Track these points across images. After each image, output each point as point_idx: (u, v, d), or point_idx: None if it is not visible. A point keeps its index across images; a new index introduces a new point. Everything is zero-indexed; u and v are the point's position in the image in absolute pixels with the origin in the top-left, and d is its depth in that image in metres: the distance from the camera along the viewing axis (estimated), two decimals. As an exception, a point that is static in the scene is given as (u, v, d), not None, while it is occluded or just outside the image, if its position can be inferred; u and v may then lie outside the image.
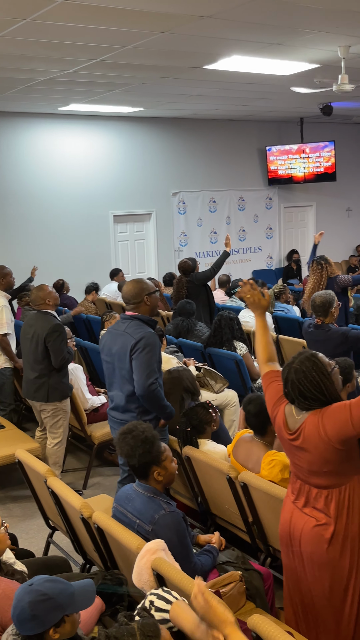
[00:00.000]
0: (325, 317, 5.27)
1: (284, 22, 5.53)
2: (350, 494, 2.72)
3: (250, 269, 13.19)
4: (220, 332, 6.49)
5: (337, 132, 13.33)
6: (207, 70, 7.27)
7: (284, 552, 2.95)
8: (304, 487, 2.82)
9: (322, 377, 2.72)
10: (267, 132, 12.93)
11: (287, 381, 2.77)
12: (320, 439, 2.67)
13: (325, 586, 2.76)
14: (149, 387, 3.96)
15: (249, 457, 3.85)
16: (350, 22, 5.55)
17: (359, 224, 14.56)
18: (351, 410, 2.61)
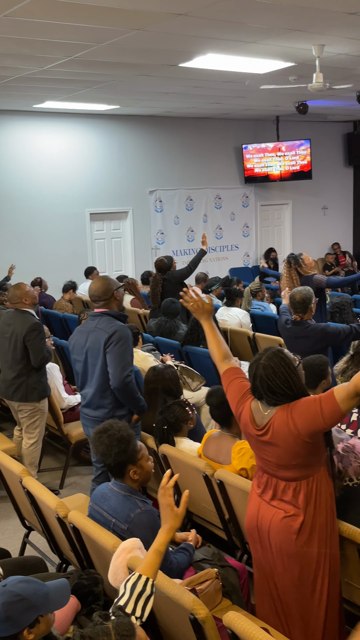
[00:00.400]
0: (305, 313, 5.32)
1: (258, 20, 5.54)
2: (318, 485, 2.77)
3: (227, 267, 13.22)
4: (197, 330, 6.49)
5: (312, 131, 13.40)
6: (182, 68, 7.26)
7: (253, 546, 2.99)
8: (271, 481, 2.86)
9: (290, 372, 2.76)
10: (243, 130, 12.96)
11: (256, 377, 2.80)
12: (290, 432, 2.70)
13: (295, 576, 2.80)
14: (124, 380, 4.01)
15: (219, 451, 3.86)
16: (324, 21, 5.58)
17: (335, 222, 14.65)
18: (321, 404, 2.66)
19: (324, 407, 2.64)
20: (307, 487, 2.76)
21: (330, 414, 2.63)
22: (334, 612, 2.85)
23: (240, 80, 8.19)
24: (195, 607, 2.43)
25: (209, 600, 3.00)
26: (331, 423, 2.66)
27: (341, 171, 14.57)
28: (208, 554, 3.35)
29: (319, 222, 14.41)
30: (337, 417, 2.64)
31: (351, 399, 2.60)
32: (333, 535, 2.83)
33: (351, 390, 2.59)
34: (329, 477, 2.84)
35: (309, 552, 2.77)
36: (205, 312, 3.31)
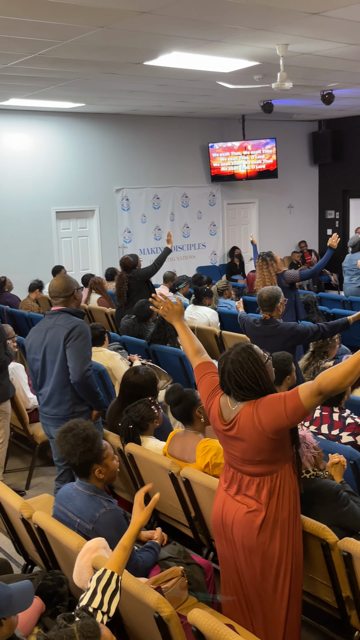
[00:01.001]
0: (272, 311, 5.33)
1: (223, 19, 5.55)
2: (281, 481, 2.80)
3: (195, 265, 13.24)
4: (164, 328, 6.49)
5: (278, 130, 13.49)
6: (147, 66, 7.25)
7: (218, 541, 3.01)
8: (237, 475, 2.88)
9: (258, 367, 2.78)
10: (209, 129, 12.99)
11: (224, 372, 2.82)
12: (255, 428, 2.72)
13: (257, 572, 2.83)
14: (85, 374, 4.05)
15: (184, 449, 3.87)
16: (287, 20, 5.62)
17: (301, 221, 14.78)
18: (285, 402, 2.68)
19: (288, 404, 2.66)
20: (271, 482, 2.78)
21: (293, 411, 2.65)
22: (295, 607, 2.88)
23: (206, 79, 8.20)
24: (159, 605, 2.44)
25: (175, 598, 3.01)
26: (294, 420, 2.68)
27: (306, 170, 14.70)
28: (174, 552, 3.36)
29: (285, 221, 14.52)
30: (300, 414, 2.66)
31: (314, 397, 2.63)
32: (296, 532, 2.85)
33: (314, 389, 2.62)
34: (294, 474, 2.86)
35: (270, 548, 2.79)
36: (176, 313, 3.39)
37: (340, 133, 14.04)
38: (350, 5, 5.22)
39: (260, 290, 5.45)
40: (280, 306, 5.34)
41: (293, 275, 6.63)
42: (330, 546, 2.94)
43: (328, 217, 14.95)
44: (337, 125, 14.06)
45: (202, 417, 3.91)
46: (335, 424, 4.09)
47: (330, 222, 14.95)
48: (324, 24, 5.77)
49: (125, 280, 7.89)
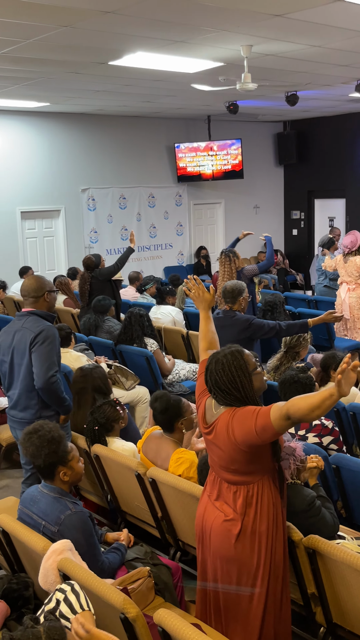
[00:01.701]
0: (233, 304, 5.41)
1: (187, 20, 5.56)
2: (259, 492, 2.76)
3: (162, 265, 13.24)
4: (130, 329, 6.48)
5: (243, 130, 13.55)
6: (112, 66, 7.23)
7: (197, 545, 2.98)
8: (217, 479, 2.87)
9: (241, 373, 2.74)
10: (175, 129, 13.00)
11: (207, 370, 2.82)
12: (228, 438, 2.71)
13: (233, 580, 2.81)
14: (49, 380, 3.97)
15: (158, 453, 3.87)
16: (251, 21, 5.65)
17: (267, 221, 14.86)
18: (257, 418, 2.64)
19: (259, 421, 2.63)
20: (247, 493, 2.75)
21: (262, 430, 2.62)
22: (272, 620, 2.84)
23: (171, 79, 8.21)
24: (125, 606, 2.43)
25: (141, 599, 3.01)
26: (264, 438, 2.64)
27: (272, 171, 14.80)
28: (140, 552, 3.36)
29: (251, 221, 14.59)
30: (269, 434, 2.62)
31: (283, 421, 2.60)
32: (277, 543, 2.80)
33: (284, 413, 2.58)
34: (275, 487, 2.81)
35: (248, 559, 2.76)
36: (205, 300, 3.37)
37: (305, 134, 14.17)
38: (313, 7, 5.27)
39: (225, 283, 5.56)
40: (243, 300, 5.42)
41: (252, 270, 6.70)
42: (296, 543, 2.97)
43: (293, 218, 15.08)
44: (301, 126, 14.18)
45: (183, 428, 3.90)
46: (302, 425, 4.13)
47: (295, 222, 15.08)
48: (287, 26, 5.82)
49: (88, 280, 7.88)
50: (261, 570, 2.78)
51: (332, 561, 2.85)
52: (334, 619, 3.03)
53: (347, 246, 7.45)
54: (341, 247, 7.68)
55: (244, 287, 5.49)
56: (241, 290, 5.42)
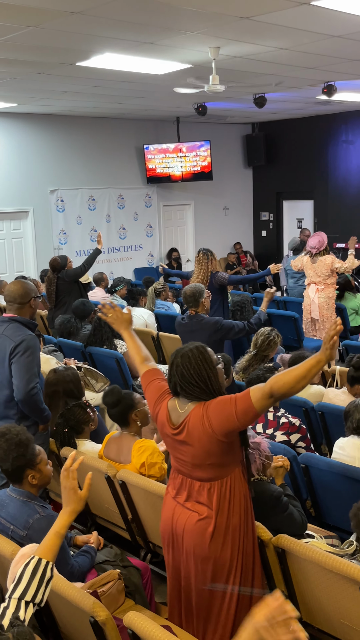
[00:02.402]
0: (197, 307, 5.45)
1: (154, 22, 5.56)
2: (232, 486, 2.79)
3: (132, 267, 13.22)
4: (100, 330, 6.46)
5: (212, 132, 13.60)
6: (80, 67, 7.20)
7: (167, 550, 2.97)
8: (186, 482, 2.86)
9: (206, 366, 2.79)
10: (144, 130, 12.99)
11: (173, 365, 2.83)
12: (205, 431, 2.71)
13: (208, 579, 2.81)
14: (29, 392, 3.89)
15: (120, 451, 3.87)
16: (218, 24, 5.67)
17: (236, 222, 14.94)
18: (237, 403, 2.68)
19: (239, 405, 2.66)
20: (222, 488, 2.77)
21: (244, 413, 2.65)
22: (244, 613, 2.86)
23: (140, 81, 8.21)
24: (94, 609, 2.42)
25: (112, 602, 3.00)
26: (245, 422, 2.68)
27: (241, 172, 14.87)
28: (110, 555, 3.34)
29: (220, 222, 14.65)
30: (250, 416, 2.67)
31: (265, 400, 2.64)
32: (247, 537, 2.83)
33: (266, 391, 2.63)
34: (244, 478, 2.84)
35: (222, 555, 2.78)
36: (125, 321, 3.34)
37: (273, 136, 14.27)
38: (280, 10, 5.30)
39: (184, 288, 5.60)
40: (205, 301, 5.46)
41: (222, 278, 6.71)
42: (265, 543, 2.98)
43: (262, 219, 15.17)
44: (270, 128, 14.28)
45: (138, 420, 3.91)
46: (270, 423, 4.16)
47: (264, 223, 15.18)
48: (255, 28, 5.85)
49: (53, 281, 7.85)
50: (234, 565, 2.80)
51: (300, 560, 2.87)
52: (304, 618, 3.05)
53: (314, 247, 7.52)
54: (308, 248, 7.74)
55: (203, 288, 5.55)
56: (202, 291, 5.48)
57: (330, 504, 3.88)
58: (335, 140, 13.37)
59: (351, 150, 13.18)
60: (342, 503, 3.76)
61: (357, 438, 3.78)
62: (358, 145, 13.05)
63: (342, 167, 13.37)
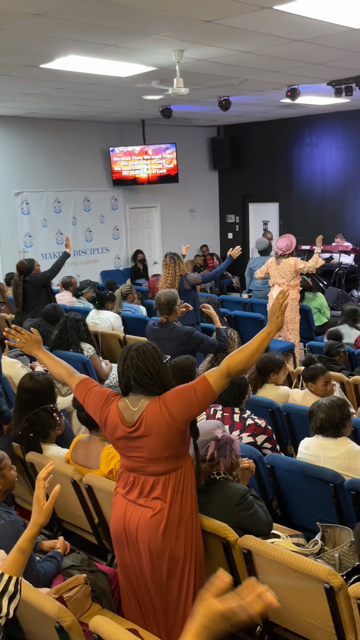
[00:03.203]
0: (170, 314, 5.41)
1: (118, 24, 5.56)
2: (185, 477, 2.85)
3: (99, 269, 13.18)
4: (66, 334, 6.41)
5: (178, 135, 13.64)
6: (43, 69, 7.16)
7: (119, 550, 2.97)
8: (139, 479, 2.87)
9: (159, 360, 2.85)
10: (109, 133, 12.96)
11: (127, 359, 2.83)
12: (165, 421, 2.74)
13: (164, 573, 2.84)
14: None
15: (88, 456, 3.84)
16: (182, 27, 5.69)
17: (202, 225, 14.99)
18: (195, 388, 2.76)
19: (198, 389, 2.74)
20: (176, 480, 2.82)
21: (203, 396, 2.74)
22: None
23: (104, 83, 8.19)
24: (60, 615, 2.40)
25: (78, 607, 2.98)
26: (204, 405, 2.77)
27: (207, 175, 14.93)
28: (77, 560, 3.32)
29: (187, 225, 14.68)
30: (209, 398, 2.76)
31: (223, 379, 2.76)
32: (196, 527, 2.90)
33: (223, 371, 2.75)
34: (192, 468, 2.92)
35: (176, 548, 2.81)
36: (35, 342, 3.33)
37: (239, 139, 14.36)
38: (242, 14, 5.34)
39: (158, 294, 5.54)
40: (178, 309, 5.43)
41: (195, 278, 6.74)
42: (231, 544, 2.99)
43: (228, 221, 15.25)
44: (235, 131, 14.37)
45: None
46: (236, 425, 4.17)
47: (230, 226, 15.26)
48: (218, 32, 5.88)
49: (20, 285, 7.77)
50: (189, 558, 2.84)
51: (266, 560, 2.89)
52: (270, 618, 3.07)
53: (281, 249, 7.58)
54: (275, 249, 7.81)
55: (177, 296, 5.51)
56: (175, 299, 5.45)
57: (295, 504, 3.92)
58: (299, 143, 13.51)
59: (315, 153, 13.34)
60: (307, 502, 3.81)
61: (322, 438, 3.81)
62: (322, 149, 13.21)
63: (306, 170, 13.52)
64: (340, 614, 2.67)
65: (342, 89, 8.65)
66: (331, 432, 3.77)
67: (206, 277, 7.21)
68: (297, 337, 7.73)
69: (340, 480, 3.51)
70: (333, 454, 3.76)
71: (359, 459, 3.73)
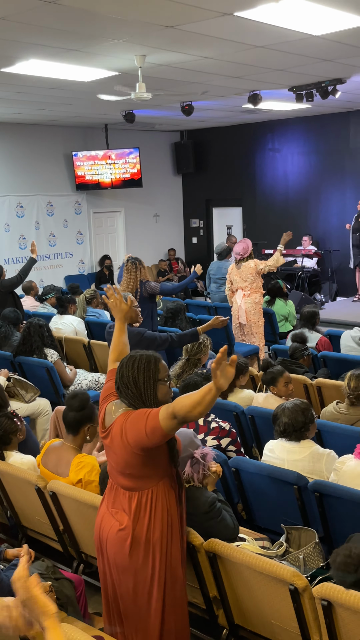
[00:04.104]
0: None
1: (80, 29, 5.55)
2: (153, 499, 2.75)
3: (63, 274, 13.09)
4: (29, 339, 6.36)
5: (141, 139, 13.64)
6: (4, 73, 7.10)
7: (98, 556, 2.96)
8: (114, 486, 2.86)
9: (145, 375, 2.74)
10: (72, 137, 12.91)
11: (121, 364, 2.82)
12: (122, 441, 2.70)
13: (130, 588, 2.80)
14: None
15: (59, 462, 3.81)
16: (143, 32, 5.70)
17: (167, 229, 15.01)
18: (147, 419, 2.62)
19: (149, 422, 2.62)
20: (141, 499, 2.74)
21: (152, 431, 2.61)
22: (173, 620, 2.84)
23: (66, 87, 8.15)
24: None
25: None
26: (154, 441, 2.62)
27: (171, 179, 14.96)
28: (42, 568, 3.29)
29: (151, 230, 14.69)
30: (158, 435, 2.61)
31: (170, 420, 2.58)
32: (172, 550, 2.80)
33: (170, 411, 2.57)
34: (171, 493, 2.80)
35: (143, 568, 2.75)
36: (121, 311, 3.39)
37: (202, 143, 14.43)
38: (203, 20, 5.37)
39: None
40: None
41: (153, 288, 6.66)
42: (197, 548, 3.00)
43: (193, 226, 15.30)
44: (198, 136, 14.43)
45: (88, 435, 3.84)
46: (201, 428, 4.19)
47: (194, 230, 15.31)
48: (180, 37, 5.91)
49: None
50: (156, 579, 2.77)
51: (232, 563, 2.90)
52: (236, 621, 3.08)
53: (239, 253, 7.63)
54: (234, 254, 7.86)
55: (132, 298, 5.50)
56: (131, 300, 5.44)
57: (260, 507, 3.94)
58: (262, 148, 13.63)
59: (277, 158, 13.47)
60: (272, 505, 3.84)
61: (286, 441, 3.84)
62: (284, 154, 13.35)
63: (269, 175, 13.64)
64: (305, 615, 2.70)
65: (303, 94, 8.76)
66: (295, 436, 3.80)
67: (165, 289, 7.09)
68: (261, 340, 7.78)
69: (304, 482, 3.54)
70: (297, 457, 3.79)
71: (322, 461, 3.77)
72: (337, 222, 12.07)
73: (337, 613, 2.56)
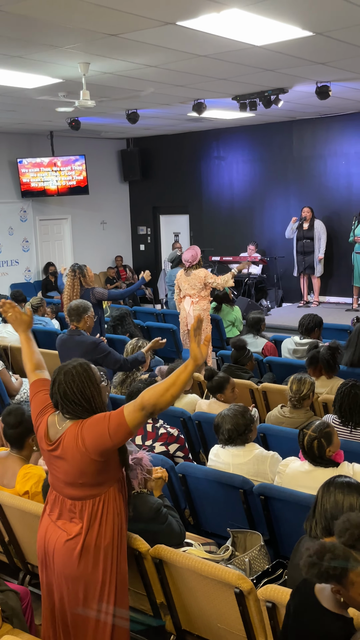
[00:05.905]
0: (79, 322, 5.40)
1: (22, 35, 5.51)
2: (105, 505, 2.75)
3: (8, 282, 12.92)
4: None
5: (87, 147, 13.59)
6: None
7: (40, 568, 2.91)
8: (59, 498, 2.81)
9: (90, 384, 2.74)
10: (17, 144, 12.78)
11: (55, 382, 2.76)
12: (78, 449, 2.67)
13: (80, 598, 2.77)
14: None
15: (4, 473, 3.76)
16: (87, 40, 5.70)
17: (114, 237, 14.98)
18: (110, 420, 2.64)
19: (112, 422, 2.62)
20: (93, 507, 2.73)
21: (115, 430, 2.61)
22: (120, 631, 2.84)
23: (9, 94, 8.07)
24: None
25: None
26: (117, 440, 2.64)
27: (117, 187, 14.95)
28: (-14, 580, 3.24)
29: (98, 237, 14.64)
30: (122, 433, 2.62)
31: (137, 412, 2.60)
32: (120, 555, 2.81)
33: (137, 403, 2.60)
34: (119, 495, 2.80)
35: (93, 575, 2.73)
36: (23, 323, 3.23)
37: (148, 151, 14.47)
38: (146, 29, 5.41)
39: (71, 302, 5.56)
40: (88, 319, 5.43)
41: (101, 293, 6.69)
42: (143, 555, 3.00)
43: (140, 233, 15.31)
44: (144, 143, 14.46)
45: (34, 445, 3.79)
46: (149, 435, 4.19)
47: (142, 237, 15.32)
48: (123, 46, 5.93)
49: None
50: (107, 585, 2.77)
51: (178, 569, 2.91)
52: (183, 626, 3.09)
53: (188, 260, 7.67)
54: (183, 261, 7.90)
55: (90, 306, 5.50)
56: (86, 308, 5.43)
57: (207, 511, 3.96)
58: (207, 156, 13.75)
59: (223, 166, 13.60)
60: (218, 509, 3.87)
61: (231, 447, 3.88)
62: (229, 162, 13.49)
63: (214, 183, 13.76)
64: (251, 617, 2.72)
65: (246, 103, 8.88)
66: (240, 440, 3.84)
67: (113, 295, 7.19)
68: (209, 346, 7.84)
69: (250, 486, 3.58)
70: (242, 460, 3.83)
71: (266, 462, 3.82)
72: (281, 229, 12.24)
73: (281, 614, 2.60)
